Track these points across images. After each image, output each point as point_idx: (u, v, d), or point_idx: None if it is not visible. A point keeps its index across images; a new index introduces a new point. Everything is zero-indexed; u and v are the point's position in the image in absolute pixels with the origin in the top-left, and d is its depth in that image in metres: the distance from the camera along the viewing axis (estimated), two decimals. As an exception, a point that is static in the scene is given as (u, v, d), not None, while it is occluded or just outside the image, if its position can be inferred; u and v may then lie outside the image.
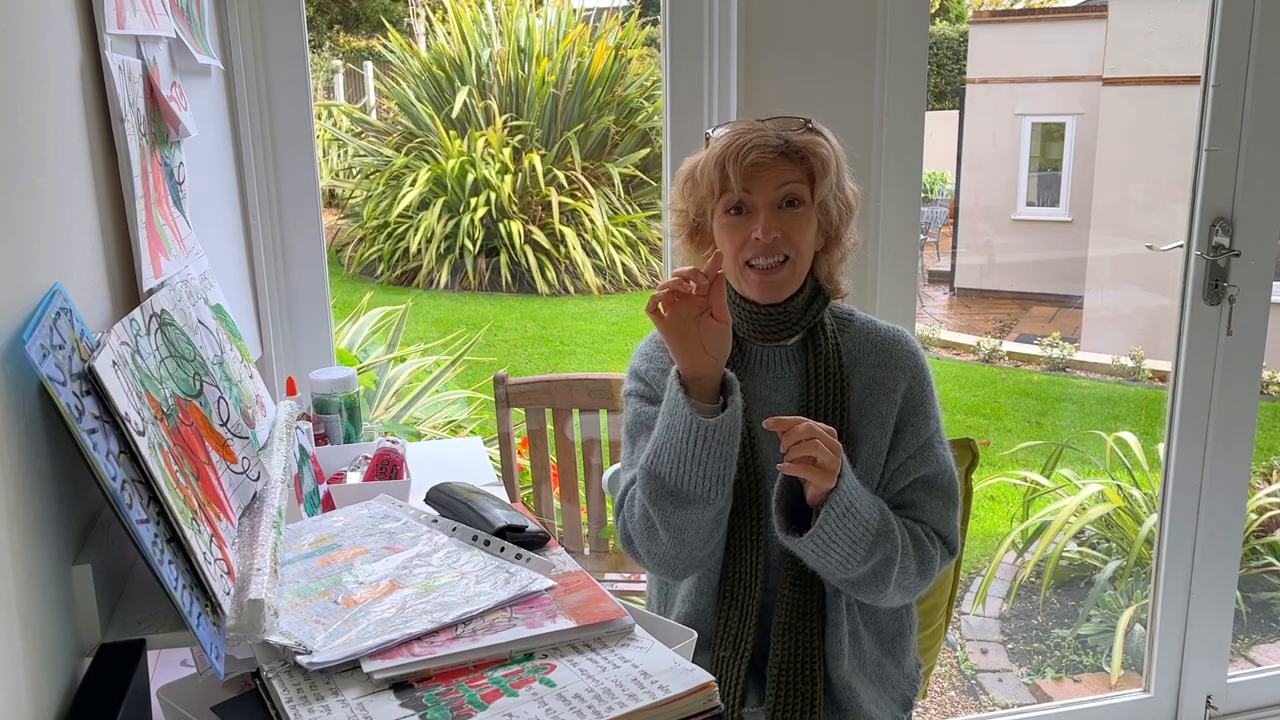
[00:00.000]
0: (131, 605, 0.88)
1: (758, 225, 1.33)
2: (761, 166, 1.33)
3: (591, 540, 2.68)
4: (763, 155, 1.32)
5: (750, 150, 1.32)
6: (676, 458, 1.29)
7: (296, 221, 1.83)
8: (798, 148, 1.34)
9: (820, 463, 1.23)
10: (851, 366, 1.41)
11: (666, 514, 1.32)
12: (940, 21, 8.63)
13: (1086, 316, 6.29)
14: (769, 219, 1.33)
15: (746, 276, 1.37)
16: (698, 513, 1.31)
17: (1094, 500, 3.35)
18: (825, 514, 1.26)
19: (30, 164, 0.81)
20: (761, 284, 1.36)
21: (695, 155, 1.42)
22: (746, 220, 1.35)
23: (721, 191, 1.35)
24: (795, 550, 1.31)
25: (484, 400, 3.98)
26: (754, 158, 1.32)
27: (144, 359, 0.90)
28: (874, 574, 1.31)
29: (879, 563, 1.31)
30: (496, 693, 0.78)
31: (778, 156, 1.34)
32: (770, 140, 1.34)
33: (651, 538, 1.36)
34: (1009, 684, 3.16)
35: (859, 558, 1.29)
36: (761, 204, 1.34)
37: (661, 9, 1.90)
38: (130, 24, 1.09)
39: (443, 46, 8.77)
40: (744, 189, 1.34)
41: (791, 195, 1.35)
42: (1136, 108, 5.56)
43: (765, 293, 1.37)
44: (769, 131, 1.35)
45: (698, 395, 1.30)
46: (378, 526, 1.09)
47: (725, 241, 1.37)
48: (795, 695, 1.35)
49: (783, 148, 1.34)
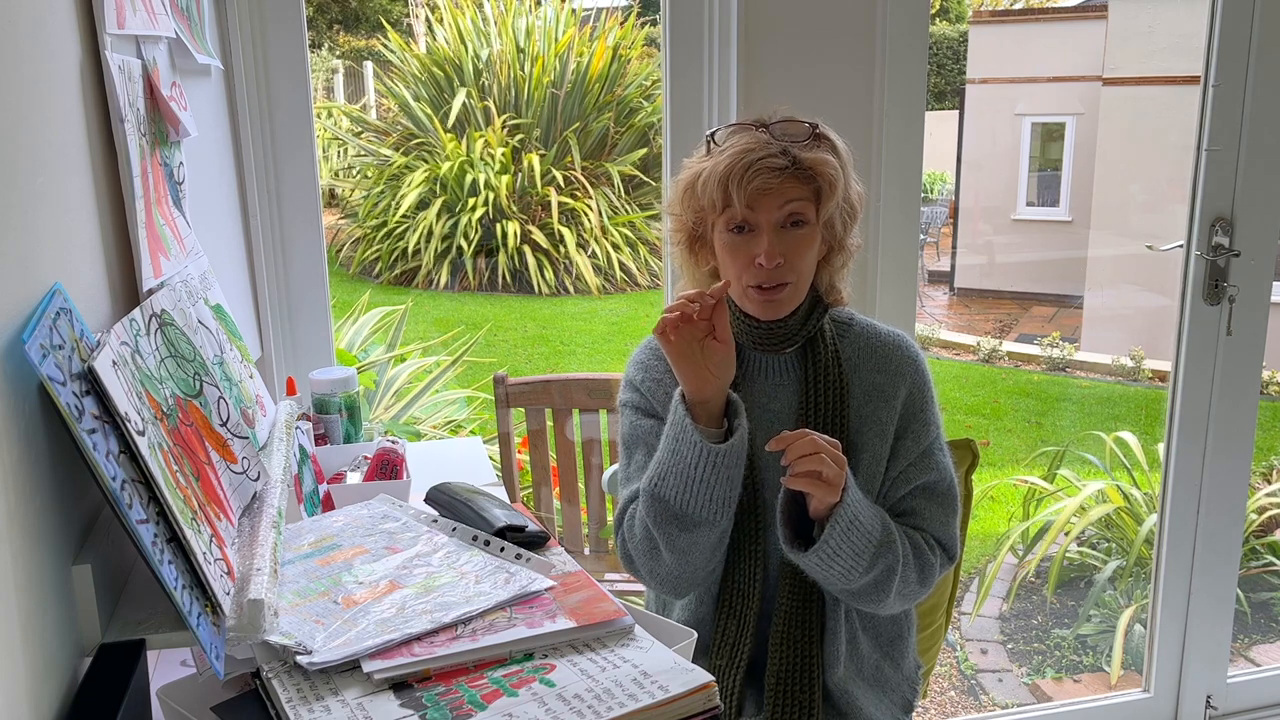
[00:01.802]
0: (131, 605, 0.88)
1: (761, 249, 1.29)
2: (767, 189, 1.28)
3: (591, 540, 2.68)
4: (769, 180, 1.28)
5: (756, 174, 1.27)
6: (683, 482, 1.28)
7: (296, 221, 1.83)
8: (805, 166, 1.29)
9: (825, 477, 1.22)
10: (851, 373, 1.40)
11: (672, 537, 1.31)
12: (940, 21, 8.63)
13: (1086, 316, 6.29)
14: (772, 244, 1.29)
15: (749, 295, 1.35)
16: (703, 535, 1.31)
17: (1094, 500, 3.35)
18: (830, 528, 1.25)
19: (30, 164, 0.81)
20: (764, 304, 1.34)
21: (696, 159, 1.38)
22: (749, 240, 1.31)
23: (724, 208, 1.31)
24: (799, 564, 1.31)
25: (484, 400, 3.98)
26: (759, 182, 1.27)
27: (144, 359, 0.90)
28: (875, 584, 1.31)
29: (881, 573, 1.30)
30: (496, 693, 0.78)
31: (785, 177, 1.29)
32: (776, 161, 1.28)
33: (654, 558, 1.35)
34: (1009, 684, 3.16)
35: (861, 569, 1.29)
36: (765, 224, 1.30)
37: (661, 9, 1.90)
38: (130, 24, 1.09)
39: (441, 47, 8.77)
40: (747, 208, 1.30)
41: (796, 215, 1.30)
42: (1136, 108, 5.56)
43: (767, 312, 1.35)
44: (774, 148, 1.29)
45: (703, 418, 1.29)
46: (377, 526, 1.09)
47: (727, 261, 1.34)
48: (793, 703, 1.35)
49: (790, 168, 1.29)
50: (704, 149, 1.38)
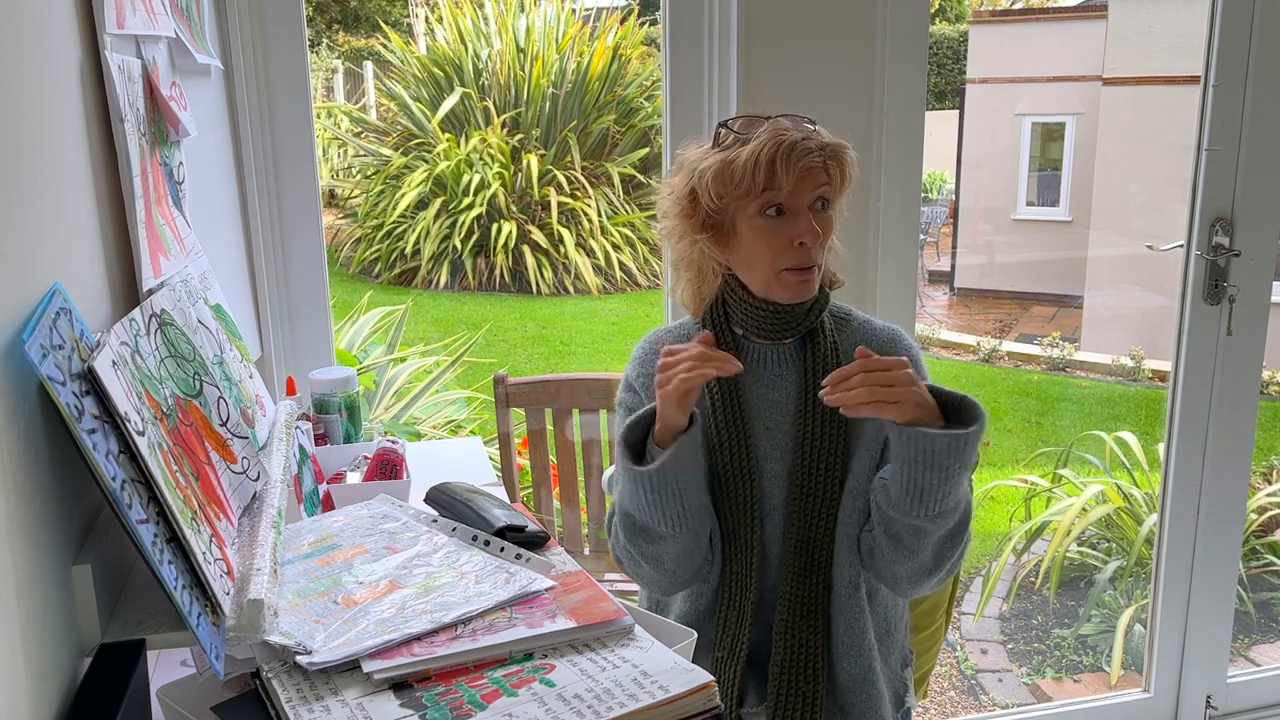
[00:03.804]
0: (131, 605, 0.88)
1: (802, 229, 1.31)
2: (811, 169, 1.30)
3: (591, 540, 2.68)
4: (814, 159, 1.30)
5: (804, 153, 1.29)
6: (634, 501, 1.32)
7: (296, 221, 1.83)
8: (833, 152, 1.32)
9: (882, 398, 1.19)
10: (848, 364, 1.41)
11: (641, 548, 1.35)
12: (940, 21, 8.64)
13: (1086, 316, 6.29)
14: (813, 223, 1.31)
15: (784, 280, 1.34)
16: (668, 546, 1.34)
17: (1095, 501, 3.35)
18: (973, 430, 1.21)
19: (30, 164, 0.81)
20: (800, 285, 1.35)
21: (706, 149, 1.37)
22: (785, 223, 1.32)
23: (763, 189, 1.31)
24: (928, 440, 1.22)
25: (484, 400, 3.98)
26: (806, 161, 1.29)
27: (144, 359, 0.90)
28: (959, 526, 1.29)
29: (966, 508, 1.28)
30: (496, 693, 0.78)
31: (823, 158, 1.31)
32: (814, 142, 1.31)
33: (635, 565, 1.39)
34: (1009, 684, 3.16)
35: (963, 487, 1.26)
36: (802, 207, 1.32)
37: (661, 8, 1.90)
38: (130, 24, 1.09)
39: (441, 47, 8.78)
40: (791, 189, 1.31)
41: (824, 197, 1.33)
42: (1136, 108, 5.56)
43: (801, 293, 1.36)
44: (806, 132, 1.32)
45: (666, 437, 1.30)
46: (377, 526, 1.09)
47: (761, 245, 1.33)
48: (797, 695, 1.35)
49: (824, 151, 1.32)
50: (716, 140, 1.37)
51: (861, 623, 1.41)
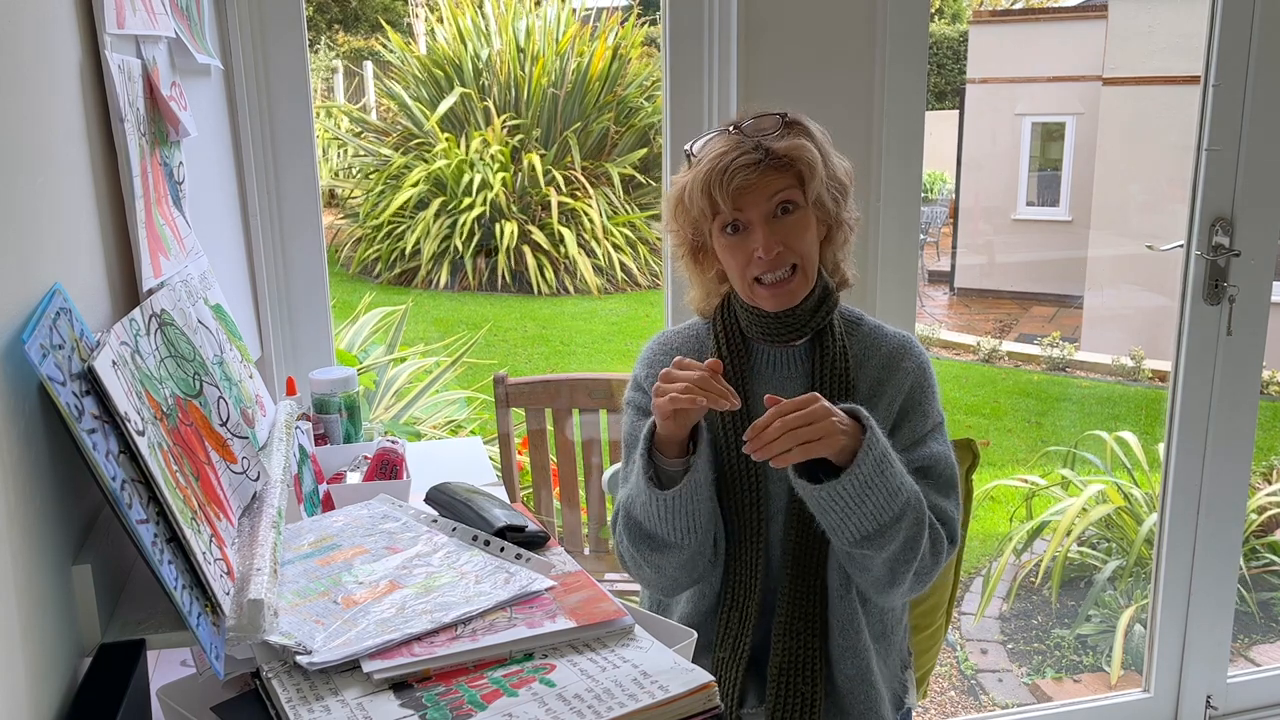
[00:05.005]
0: (131, 605, 0.88)
1: (758, 243, 1.31)
2: (747, 186, 1.30)
3: (591, 540, 2.68)
4: (747, 176, 1.29)
5: (734, 173, 1.29)
6: (645, 513, 1.33)
7: (296, 221, 1.83)
8: (780, 155, 1.31)
9: (805, 439, 1.19)
10: (857, 369, 1.41)
11: (644, 554, 1.36)
12: (940, 21, 8.63)
13: (1086, 316, 6.29)
14: (767, 236, 1.31)
15: (757, 292, 1.36)
16: (673, 555, 1.35)
17: (1095, 501, 3.35)
18: (862, 456, 1.22)
19: (30, 164, 0.81)
20: (774, 297, 1.35)
21: (680, 175, 1.39)
22: (745, 237, 1.33)
23: (714, 213, 1.33)
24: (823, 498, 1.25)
25: (484, 400, 3.98)
26: (739, 181, 1.29)
27: (144, 359, 0.90)
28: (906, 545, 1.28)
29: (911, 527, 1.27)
30: (496, 693, 0.78)
31: (763, 170, 1.30)
32: (750, 157, 1.30)
33: (637, 566, 1.40)
34: (1009, 684, 3.16)
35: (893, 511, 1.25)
36: (757, 219, 1.32)
37: (661, 8, 1.90)
38: (130, 24, 1.09)
39: (441, 47, 8.77)
40: (735, 209, 1.31)
41: (785, 202, 1.32)
42: (1136, 108, 5.56)
43: (779, 303, 1.36)
44: (747, 145, 1.31)
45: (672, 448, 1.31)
46: (377, 526, 1.09)
47: (729, 261, 1.36)
48: (796, 696, 1.35)
49: (766, 160, 1.30)
50: (685, 164, 1.40)
51: (856, 625, 1.41)
